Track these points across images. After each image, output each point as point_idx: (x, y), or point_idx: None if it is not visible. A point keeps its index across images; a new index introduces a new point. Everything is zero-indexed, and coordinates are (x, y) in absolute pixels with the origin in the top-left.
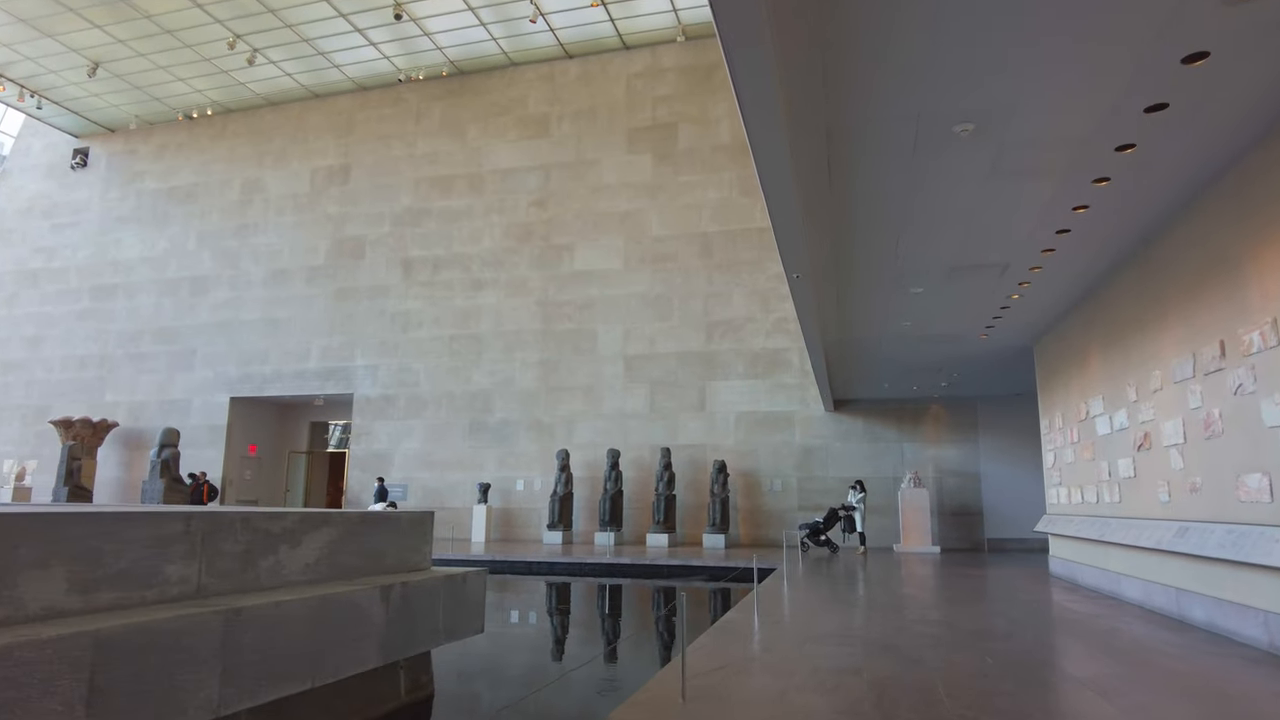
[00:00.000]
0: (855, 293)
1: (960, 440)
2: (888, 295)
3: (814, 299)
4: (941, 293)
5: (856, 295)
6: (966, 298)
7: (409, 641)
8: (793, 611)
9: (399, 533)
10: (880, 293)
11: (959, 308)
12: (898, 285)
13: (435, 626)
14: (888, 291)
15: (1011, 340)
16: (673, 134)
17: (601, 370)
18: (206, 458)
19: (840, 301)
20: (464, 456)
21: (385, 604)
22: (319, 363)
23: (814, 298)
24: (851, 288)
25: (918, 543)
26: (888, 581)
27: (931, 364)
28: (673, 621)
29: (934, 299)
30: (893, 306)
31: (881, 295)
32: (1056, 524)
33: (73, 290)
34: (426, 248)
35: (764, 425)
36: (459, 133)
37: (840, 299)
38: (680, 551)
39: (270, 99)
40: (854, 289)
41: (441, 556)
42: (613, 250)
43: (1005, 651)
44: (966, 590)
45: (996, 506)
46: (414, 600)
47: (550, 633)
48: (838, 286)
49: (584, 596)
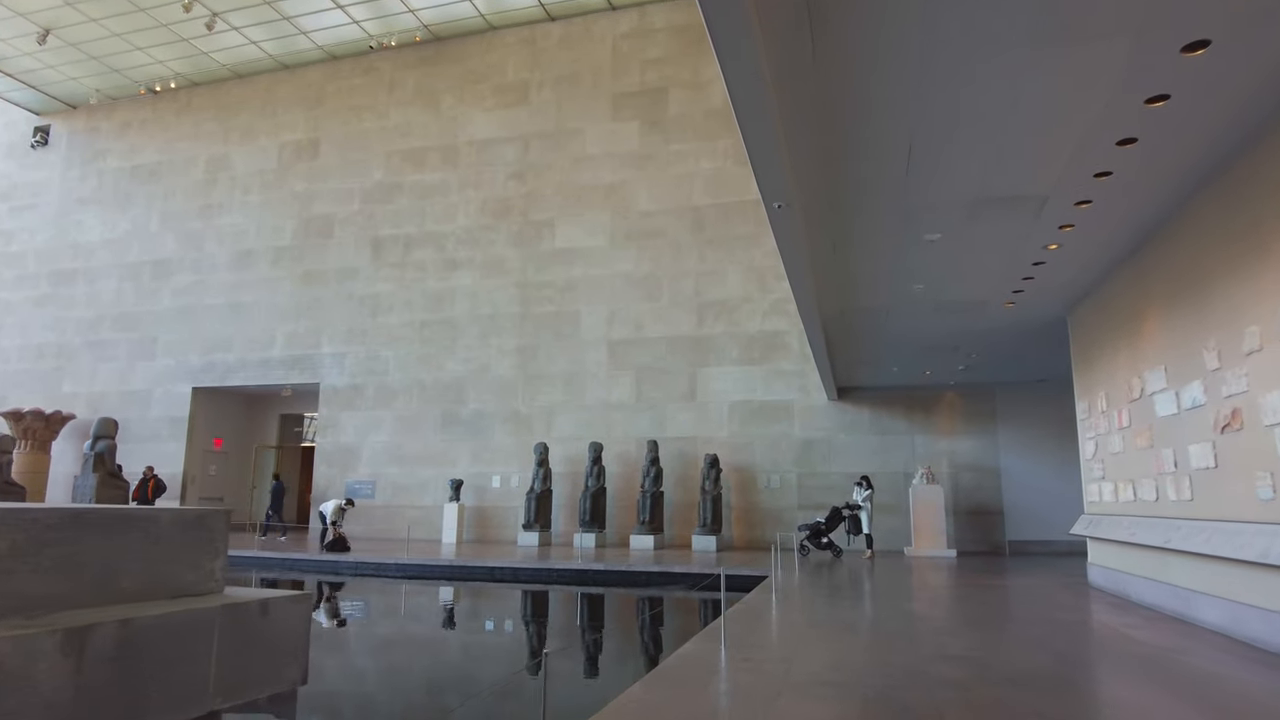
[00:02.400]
0: (856, 239)
1: (977, 431)
2: (896, 243)
3: (804, 245)
4: (962, 239)
5: (858, 243)
6: (993, 248)
7: (134, 714)
8: (774, 639)
9: (155, 540)
10: (887, 239)
11: (983, 263)
12: (909, 227)
13: (197, 685)
14: (896, 237)
15: (1042, 309)
16: (662, 99)
17: (584, 357)
18: (167, 451)
19: (837, 252)
20: (436, 450)
21: (73, 658)
22: (284, 350)
23: (804, 244)
24: (851, 231)
25: (931, 545)
26: (897, 594)
27: (947, 342)
28: (615, 646)
29: (953, 250)
30: (903, 261)
31: (889, 243)
32: (1100, 526)
33: (30, 276)
34: (397, 226)
35: (760, 416)
36: (433, 102)
37: (837, 248)
38: (667, 555)
39: (237, 71)
40: (854, 233)
41: (399, 561)
42: (596, 226)
43: (1066, 716)
44: (993, 607)
45: (1018, 505)
46: (149, 647)
47: (426, 673)
48: (833, 230)
49: (525, 611)
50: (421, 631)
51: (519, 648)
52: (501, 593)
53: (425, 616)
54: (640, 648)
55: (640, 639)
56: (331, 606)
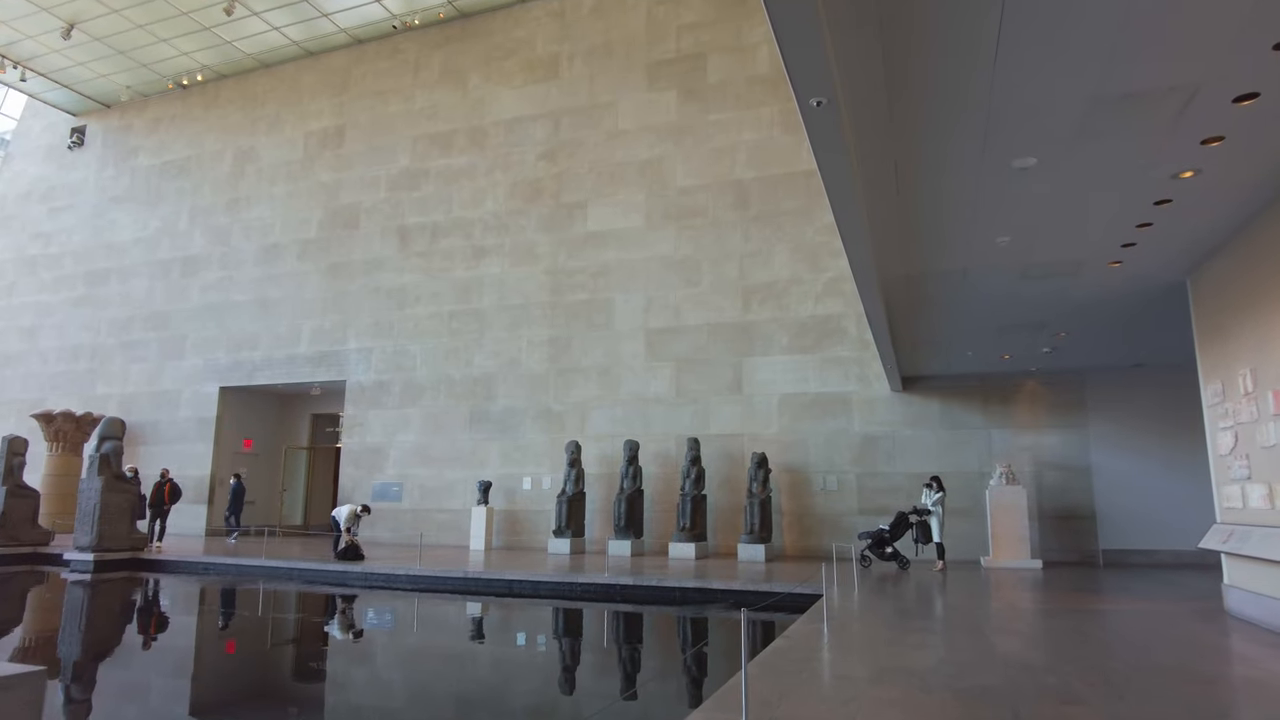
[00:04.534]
0: (924, 164)
1: (1064, 424)
2: (976, 174)
3: (854, 171)
4: (1064, 167)
5: (926, 171)
6: (1104, 178)
7: None
8: (815, 697)
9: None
10: (964, 168)
11: (1088, 203)
12: (992, 149)
13: None
14: (975, 165)
15: (1156, 271)
16: (700, 66)
17: (619, 348)
18: (196, 453)
19: (901, 186)
20: (464, 450)
21: None
22: (310, 347)
23: (854, 168)
24: (918, 153)
25: (1012, 555)
26: (983, 622)
27: (1033, 317)
28: None
29: (1051, 184)
30: (983, 201)
31: (966, 174)
32: (1248, 541)
33: (68, 276)
34: (424, 213)
35: (814, 410)
36: (460, 82)
37: (900, 178)
38: (710, 565)
39: (263, 60)
40: (921, 156)
41: (411, 572)
42: (631, 206)
43: None
44: (1110, 644)
45: (1114, 508)
46: None
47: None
48: (894, 151)
49: (530, 638)
50: (396, 676)
51: (482, 703)
52: (513, 612)
53: (412, 653)
54: (639, 704)
55: (639, 695)
56: (309, 635)
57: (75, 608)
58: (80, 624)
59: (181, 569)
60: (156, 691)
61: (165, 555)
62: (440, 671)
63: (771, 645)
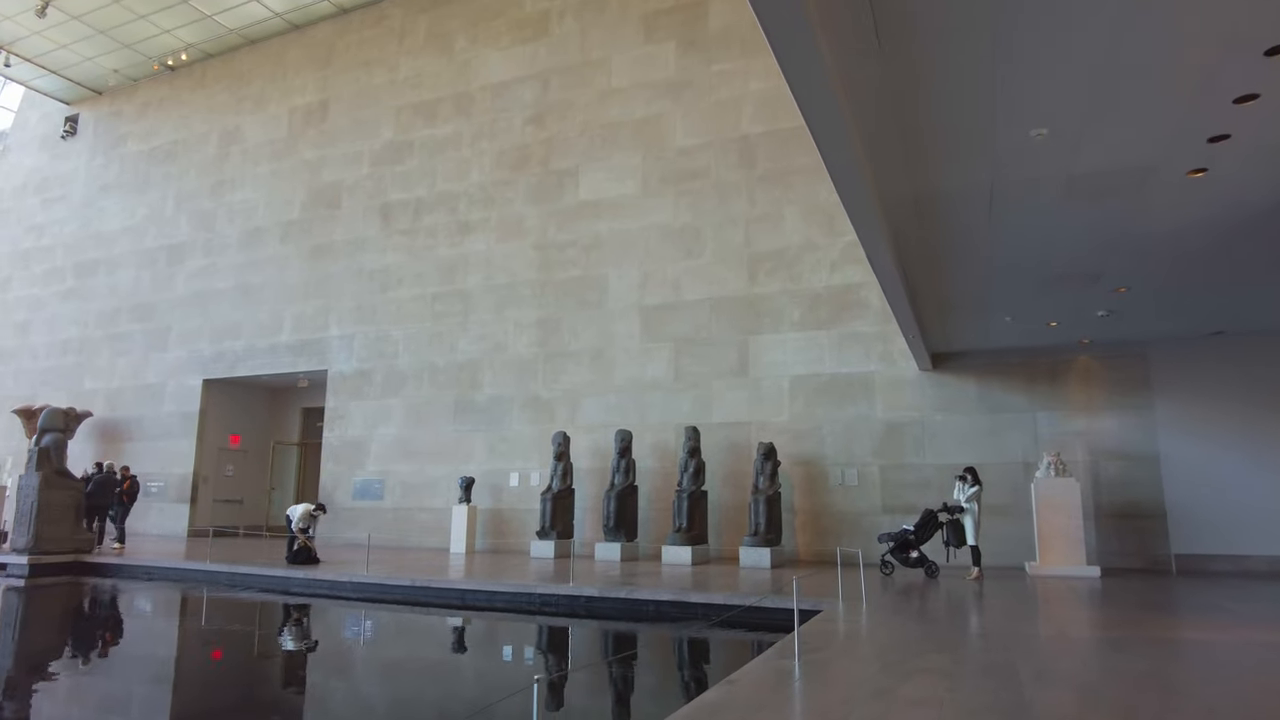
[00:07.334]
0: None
1: (1125, 406)
2: (993, 23)
3: (812, 22)
4: (1126, 12)
5: (920, 22)
6: (1180, 30)
7: None
8: None
9: None
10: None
11: (1157, 71)
12: None
13: None
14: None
15: (1255, 185)
16: (702, 12)
17: (612, 329)
18: (180, 449)
19: (884, 37)
20: (448, 444)
21: None
22: (292, 335)
23: (811, 17)
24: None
25: (1063, 560)
26: (1014, 656)
27: (1085, 261)
28: None
29: (1104, 43)
30: (1010, 73)
31: (978, 24)
32: None
33: (59, 269)
34: (407, 189)
35: (830, 393)
36: (445, 46)
37: (883, 33)
38: (705, 572)
39: (248, 35)
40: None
41: (355, 580)
42: (626, 171)
43: None
44: (1215, 704)
45: (1188, 505)
46: None
47: None
48: None
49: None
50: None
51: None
52: (442, 633)
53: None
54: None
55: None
56: None
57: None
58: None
59: (124, 573)
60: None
61: (107, 558)
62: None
63: (699, 699)
